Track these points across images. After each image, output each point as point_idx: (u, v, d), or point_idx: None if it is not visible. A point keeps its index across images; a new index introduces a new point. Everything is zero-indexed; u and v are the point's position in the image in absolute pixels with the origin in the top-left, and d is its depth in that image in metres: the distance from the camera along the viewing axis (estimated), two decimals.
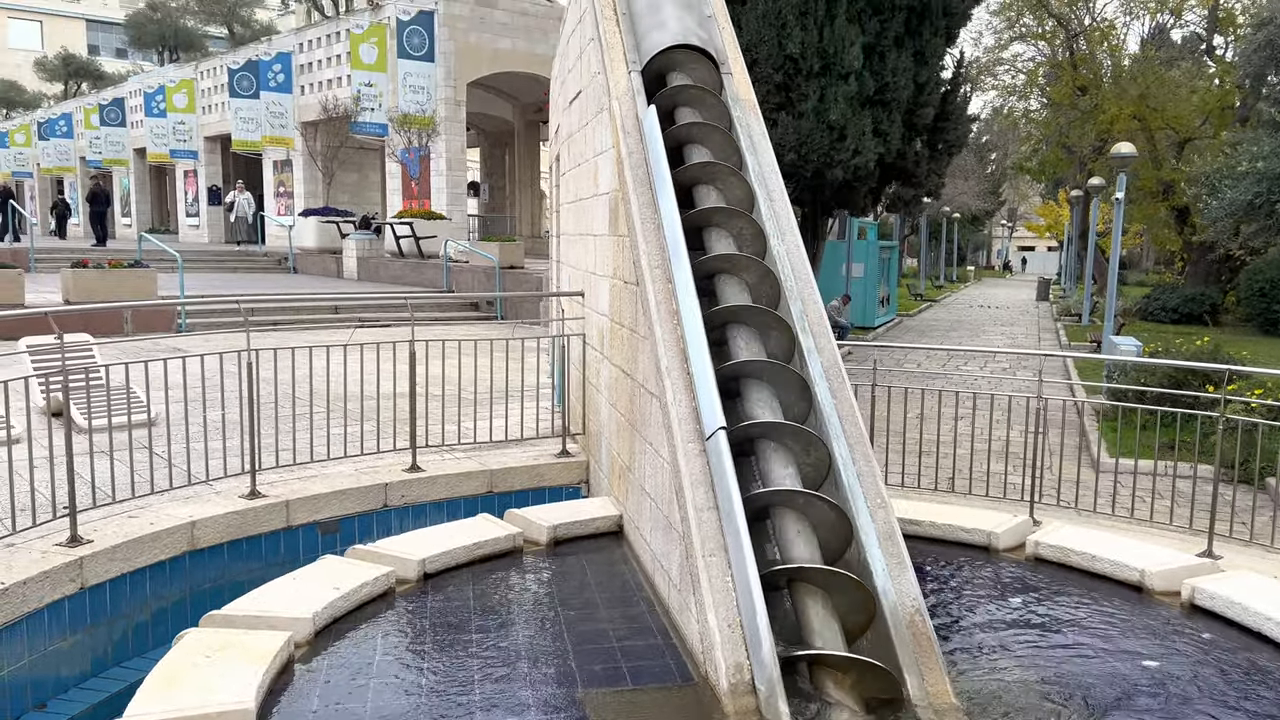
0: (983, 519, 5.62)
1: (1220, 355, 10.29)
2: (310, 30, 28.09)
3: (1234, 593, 4.45)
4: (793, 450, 4.35)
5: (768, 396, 4.53)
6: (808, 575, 3.88)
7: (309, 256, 23.03)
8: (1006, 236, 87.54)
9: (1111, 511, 6.73)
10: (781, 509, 4.13)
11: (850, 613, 3.89)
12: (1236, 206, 14.13)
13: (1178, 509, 6.64)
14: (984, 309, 33.11)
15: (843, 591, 3.88)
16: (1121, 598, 4.76)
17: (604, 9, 6.43)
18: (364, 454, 6.81)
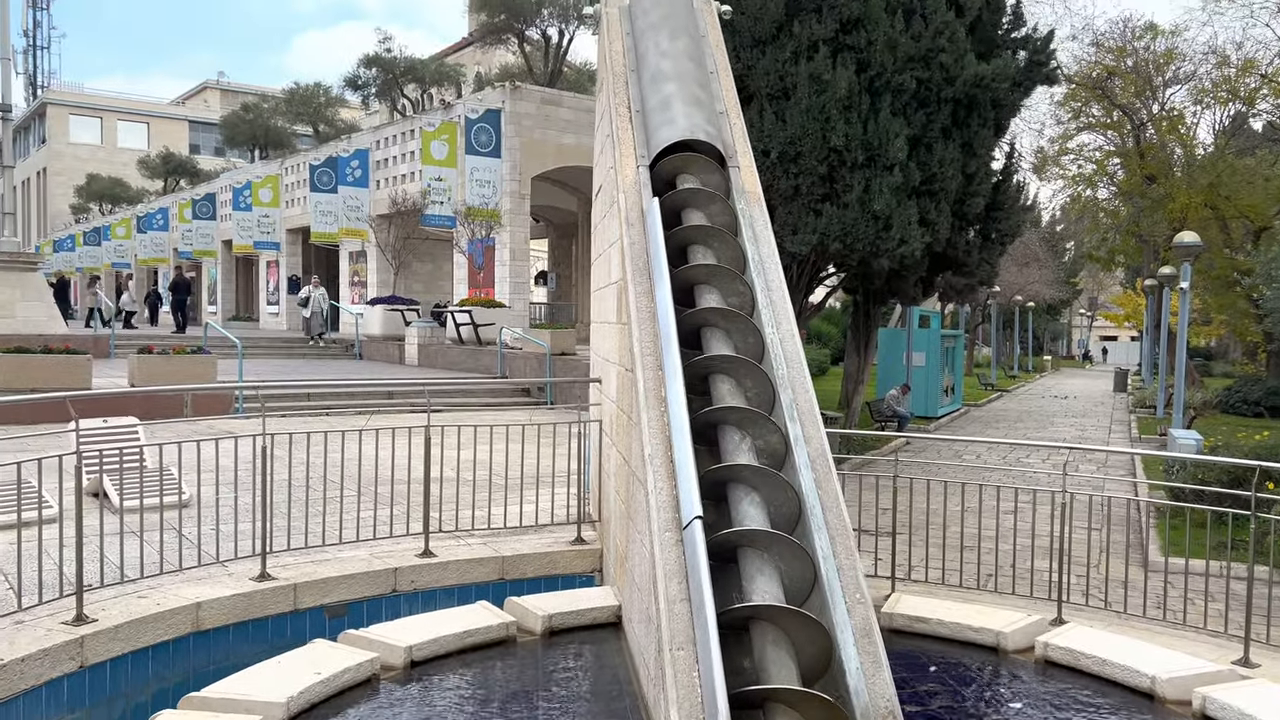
0: (993, 618, 5.39)
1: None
2: (387, 129, 29.43)
3: (1248, 704, 4.17)
4: (775, 561, 4.25)
5: (756, 503, 4.45)
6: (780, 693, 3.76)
7: (374, 343, 23.69)
8: (1086, 326, 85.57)
9: (1143, 613, 6.39)
10: (760, 623, 4.03)
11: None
12: None
13: (1222, 613, 6.29)
14: (1057, 400, 32.22)
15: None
16: (1129, 706, 4.49)
17: (619, 107, 6.64)
18: (378, 538, 6.88)
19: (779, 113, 13.55)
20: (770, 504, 4.46)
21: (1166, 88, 28.55)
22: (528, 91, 25.03)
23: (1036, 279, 45.71)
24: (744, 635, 4.13)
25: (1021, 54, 15.24)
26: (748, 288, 5.40)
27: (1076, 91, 28.45)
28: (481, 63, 41.68)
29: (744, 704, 3.76)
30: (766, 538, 4.24)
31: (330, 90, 41.80)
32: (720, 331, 5.17)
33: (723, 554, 4.36)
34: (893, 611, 5.66)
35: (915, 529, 8.38)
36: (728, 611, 4.01)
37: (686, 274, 5.43)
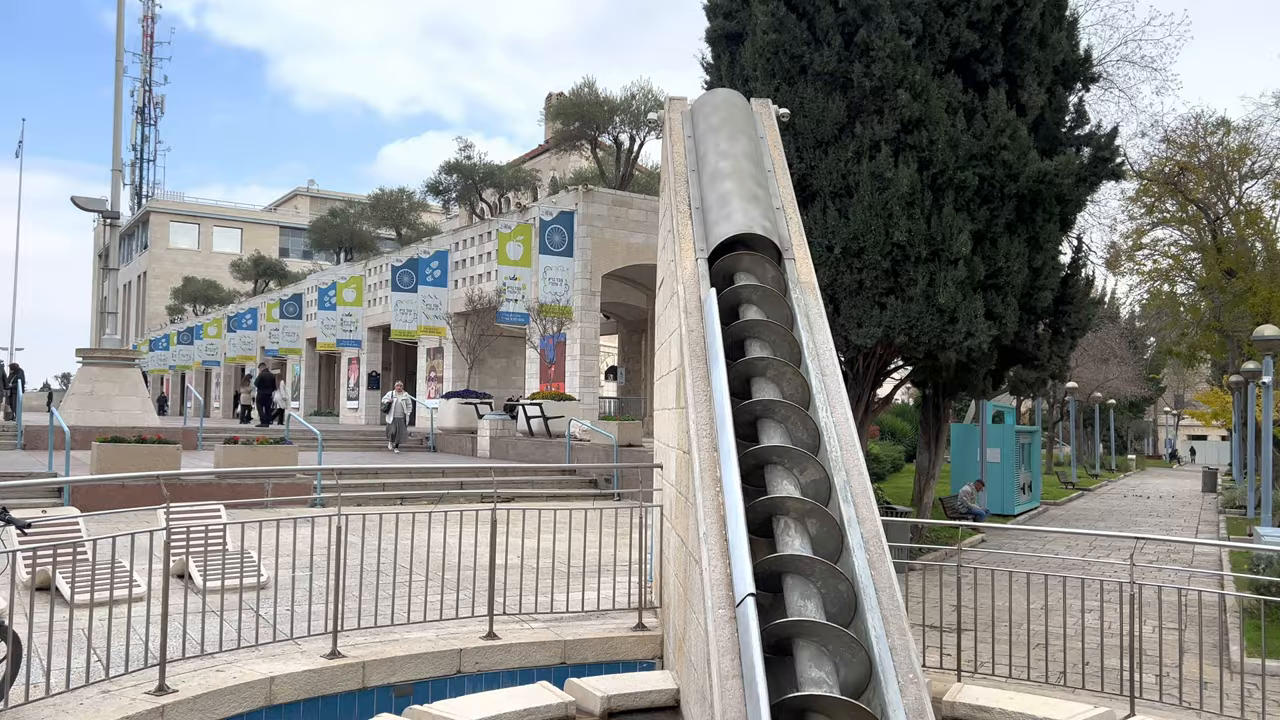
0: (1058, 709, 5.30)
1: None
2: (465, 231, 30.64)
3: None
4: (829, 652, 4.29)
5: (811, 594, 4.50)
6: None
7: (448, 435, 24.23)
8: (1173, 425, 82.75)
9: (1220, 710, 6.17)
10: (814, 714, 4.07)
11: None
12: None
13: None
14: (1141, 499, 31.12)
15: None
16: None
17: (679, 204, 6.98)
18: (444, 619, 7.05)
19: (842, 210, 13.84)
20: (825, 593, 4.51)
21: (1242, 182, 28.25)
22: (599, 194, 25.91)
23: (1116, 375, 44.69)
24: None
25: (1086, 150, 15.37)
26: (802, 379, 5.56)
27: (1149, 187, 28.31)
28: (556, 167, 43.30)
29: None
30: (821, 629, 4.29)
31: (413, 195, 43.74)
32: (775, 422, 5.31)
33: (778, 645, 4.41)
34: (955, 700, 5.59)
35: (983, 625, 8.24)
36: (784, 701, 4.05)
37: (743, 367, 5.61)
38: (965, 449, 23.45)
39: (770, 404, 5.33)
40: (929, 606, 9.00)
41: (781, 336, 5.82)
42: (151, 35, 78.00)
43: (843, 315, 13.97)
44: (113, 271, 23.26)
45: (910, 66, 13.35)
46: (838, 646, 4.25)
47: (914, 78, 13.35)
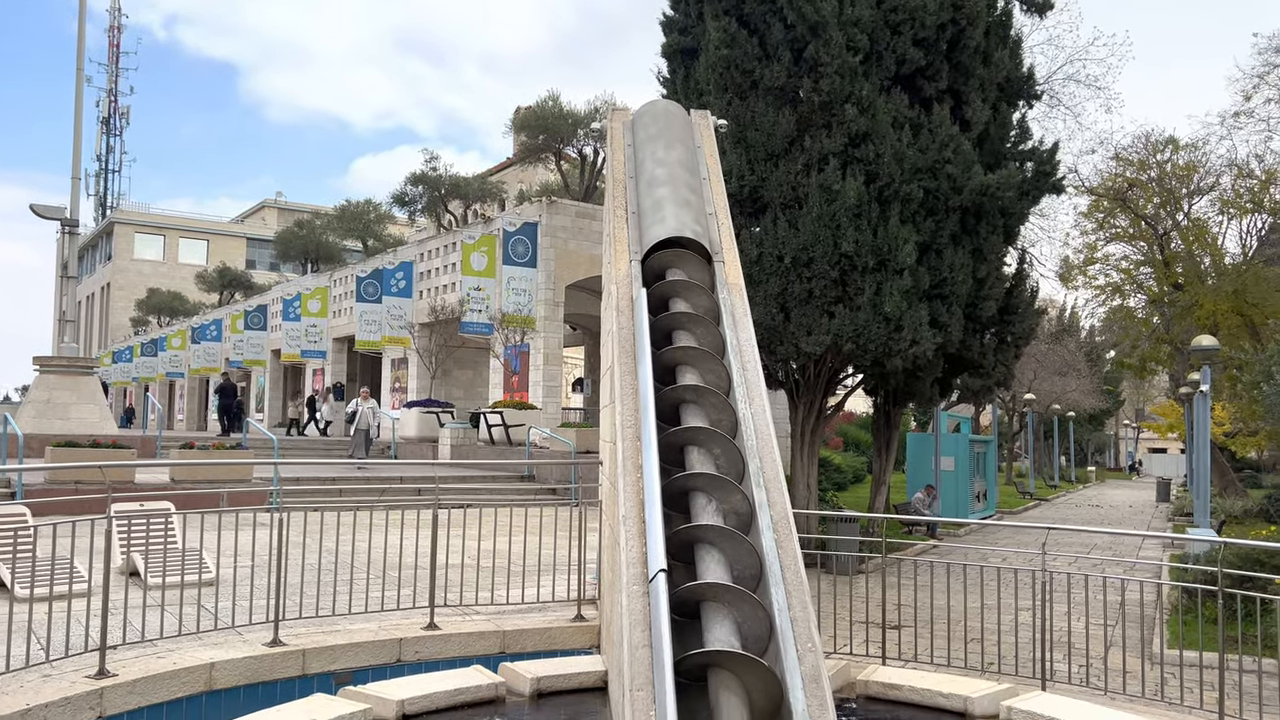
0: (962, 686, 5.59)
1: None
2: (430, 242, 30.79)
3: None
4: (733, 613, 4.57)
5: (720, 560, 4.80)
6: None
7: (410, 444, 24.32)
8: (1133, 437, 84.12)
9: (1123, 689, 6.50)
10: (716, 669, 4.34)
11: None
12: None
13: (1208, 693, 6.38)
14: (1095, 508, 31.76)
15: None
16: None
17: (617, 209, 7.26)
18: (385, 610, 7.24)
19: (792, 221, 14.19)
20: (734, 562, 4.80)
21: (1190, 198, 29.04)
22: (563, 205, 26.20)
23: (1075, 388, 45.49)
24: (704, 685, 4.41)
25: (1029, 165, 15.85)
26: (724, 368, 5.85)
27: (1100, 203, 29.04)
28: (523, 180, 43.58)
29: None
30: (726, 591, 4.56)
31: (380, 207, 43.81)
32: (696, 406, 5.60)
33: (690, 610, 4.68)
34: (869, 679, 5.87)
35: (922, 622, 8.54)
36: (687, 657, 4.32)
37: (668, 355, 5.90)
38: (921, 457, 23.88)
39: (690, 389, 5.61)
40: (873, 605, 9.30)
41: (707, 329, 6.10)
42: (118, 45, 77.57)
43: (793, 323, 14.30)
44: (73, 281, 23.18)
45: (857, 82, 13.75)
46: (740, 606, 4.52)
47: (861, 93, 13.76)
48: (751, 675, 4.30)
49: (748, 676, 4.30)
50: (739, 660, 4.27)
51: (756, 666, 4.27)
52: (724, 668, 4.31)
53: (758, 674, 4.29)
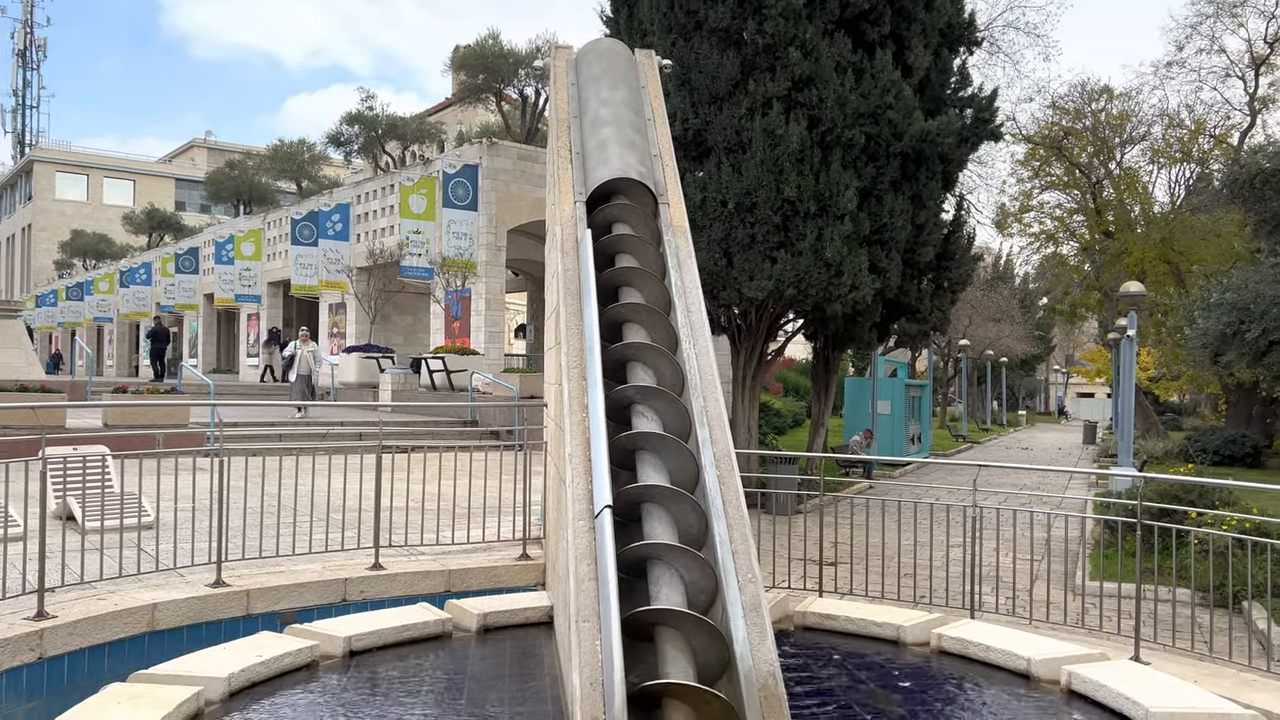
0: (895, 616, 5.81)
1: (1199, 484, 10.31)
2: (367, 184, 30.16)
3: (1105, 677, 4.59)
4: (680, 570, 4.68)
5: (659, 466, 4.92)
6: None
7: (350, 390, 24.07)
8: (1062, 382, 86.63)
9: (1046, 617, 6.81)
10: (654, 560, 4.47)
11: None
12: (1210, 336, 14.29)
13: (1125, 620, 6.71)
14: (1025, 450, 32.78)
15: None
16: (1006, 683, 4.90)
17: (560, 150, 7.20)
18: (330, 551, 7.25)
19: (735, 165, 14.20)
20: (672, 470, 4.91)
21: (1122, 148, 29.65)
22: (504, 147, 25.82)
23: (1009, 334, 46.58)
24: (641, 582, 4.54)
25: (968, 112, 16.03)
26: (664, 289, 5.92)
27: (1036, 151, 29.50)
28: (463, 121, 42.75)
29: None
30: (666, 494, 4.69)
31: (314, 148, 42.69)
32: (637, 326, 5.67)
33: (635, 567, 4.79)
34: (806, 610, 6.07)
35: (859, 558, 8.80)
36: (627, 550, 4.45)
37: (612, 276, 5.94)
38: (858, 401, 24.36)
39: (633, 308, 5.67)
40: (811, 543, 9.55)
41: (652, 276, 6.14)
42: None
43: (736, 269, 14.40)
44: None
45: (801, 25, 13.72)
46: (681, 560, 4.64)
47: (804, 36, 13.73)
48: (688, 564, 4.44)
49: (680, 563, 4.44)
50: (677, 553, 4.41)
51: (693, 558, 4.41)
52: (662, 560, 4.45)
53: (697, 565, 4.43)
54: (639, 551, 4.68)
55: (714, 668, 4.41)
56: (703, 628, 4.38)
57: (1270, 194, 15.41)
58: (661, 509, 4.91)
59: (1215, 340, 14.22)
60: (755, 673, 4.13)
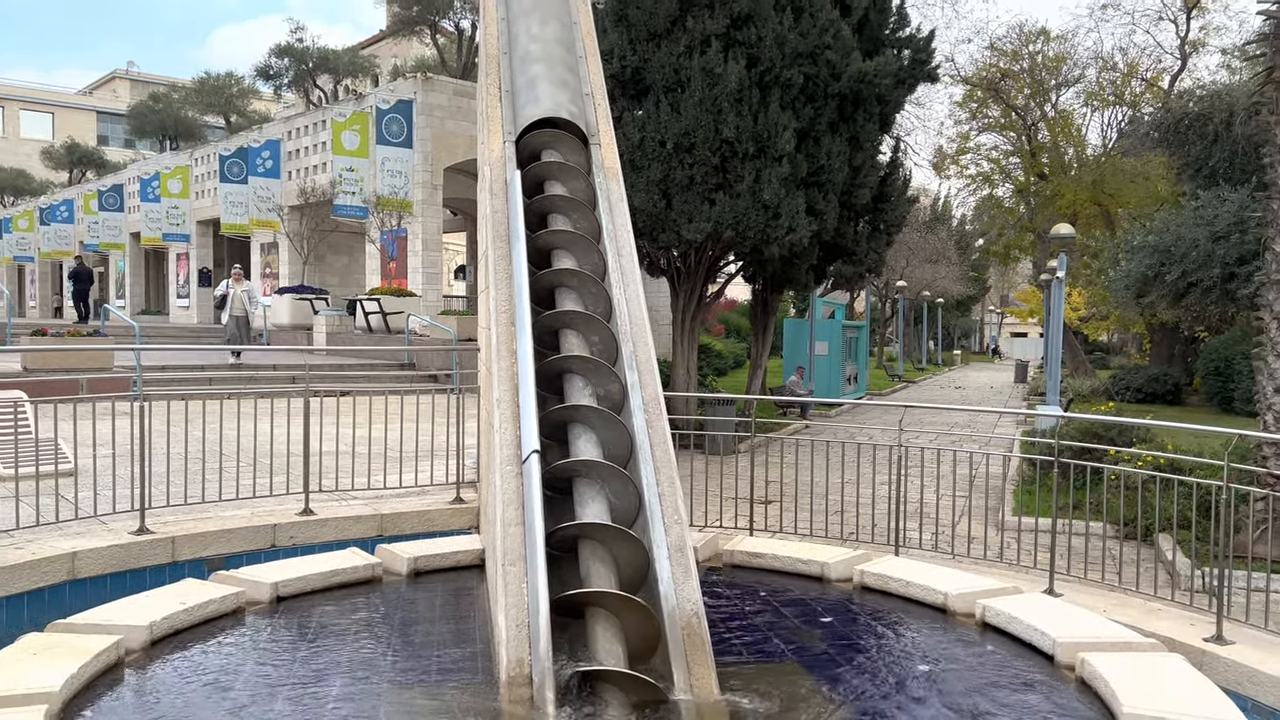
0: (821, 553, 5.94)
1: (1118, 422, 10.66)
2: (298, 119, 29.26)
3: (1016, 610, 4.77)
4: (607, 488, 4.73)
5: (593, 440, 4.94)
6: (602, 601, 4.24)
7: (283, 333, 23.63)
8: (997, 322, 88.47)
9: (967, 552, 7.04)
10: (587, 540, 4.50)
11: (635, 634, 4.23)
12: (1134, 278, 14.71)
13: (1042, 554, 6.95)
14: (958, 389, 33.53)
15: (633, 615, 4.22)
16: (924, 617, 5.07)
17: (490, 87, 7.03)
18: (258, 496, 7.16)
19: (674, 105, 14.05)
20: (605, 442, 4.93)
21: (1058, 90, 29.97)
22: (439, 83, 25.20)
23: (945, 275, 47.29)
24: (575, 556, 4.58)
25: (906, 53, 16.01)
26: (600, 254, 5.86)
27: (974, 93, 29.68)
28: (397, 55, 41.54)
29: (567, 611, 4.23)
30: (597, 466, 4.70)
31: (243, 81, 41.20)
32: (571, 290, 5.62)
33: (563, 486, 4.82)
34: (735, 549, 6.18)
35: (792, 496, 8.94)
36: (558, 530, 4.47)
37: (543, 240, 5.86)
38: (796, 342, 24.62)
39: (566, 273, 5.62)
40: (746, 483, 9.69)
41: (583, 214, 6.08)
42: None
43: (675, 210, 14.31)
44: None
45: None
46: (611, 481, 4.69)
47: None
48: (620, 544, 4.48)
49: (616, 545, 4.48)
50: (608, 531, 4.45)
51: (624, 536, 4.45)
52: (594, 538, 4.49)
53: (626, 543, 4.47)
54: (565, 470, 4.72)
55: (636, 578, 4.48)
56: (626, 540, 4.44)
57: (1194, 139, 15.76)
58: (588, 430, 4.94)
59: (1138, 282, 14.61)
60: (679, 612, 4.21)
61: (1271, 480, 7.87)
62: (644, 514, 4.63)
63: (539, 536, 4.29)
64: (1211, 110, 15.60)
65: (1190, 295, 14.37)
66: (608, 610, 4.20)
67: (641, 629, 4.19)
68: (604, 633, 4.15)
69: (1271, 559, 6.78)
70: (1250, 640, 5.37)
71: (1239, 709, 4.52)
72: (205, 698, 3.96)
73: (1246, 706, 4.92)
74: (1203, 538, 7.36)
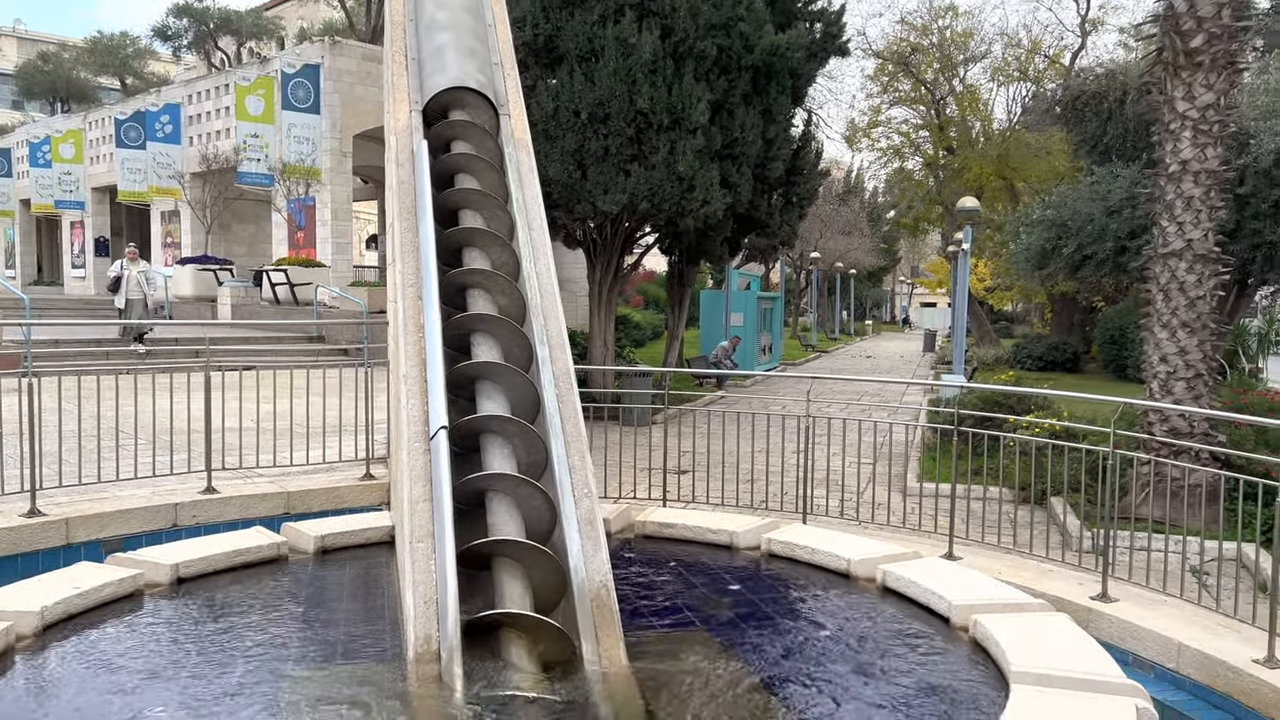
0: (730, 522, 6.05)
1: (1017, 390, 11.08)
2: (199, 82, 28.15)
3: (914, 574, 4.94)
4: (515, 446, 4.73)
5: (500, 400, 4.92)
6: (508, 553, 4.26)
7: (186, 305, 22.86)
8: (907, 293, 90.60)
9: (871, 518, 7.25)
10: (493, 493, 4.51)
11: (544, 588, 4.26)
12: (1033, 251, 15.28)
13: (944, 519, 7.20)
14: (869, 359, 34.30)
15: (540, 568, 4.25)
16: (828, 583, 5.21)
17: (396, 54, 6.87)
18: (158, 476, 6.95)
19: (588, 74, 13.93)
20: (512, 398, 4.92)
21: (965, 65, 30.63)
22: (348, 47, 24.51)
23: (858, 247, 48.17)
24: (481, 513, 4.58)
25: (818, 26, 16.16)
26: (509, 215, 5.81)
27: (884, 66, 30.14)
28: (303, 17, 40.20)
29: (475, 564, 4.25)
30: (504, 421, 4.71)
31: (139, 41, 39.39)
32: (478, 250, 5.58)
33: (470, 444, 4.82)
34: (647, 520, 6.25)
35: (712, 465, 9.06)
36: (464, 483, 4.47)
37: (451, 197, 5.80)
38: (713, 313, 24.85)
39: (474, 232, 5.57)
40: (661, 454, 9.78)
41: (492, 174, 6.01)
42: None
43: (590, 181, 14.24)
44: None
45: None
46: (520, 439, 4.70)
47: None
48: (526, 497, 4.51)
49: (519, 492, 4.51)
50: (514, 482, 4.48)
51: (531, 488, 4.49)
52: (498, 490, 4.51)
53: (532, 496, 4.51)
54: (472, 426, 4.71)
55: (544, 530, 4.52)
56: (529, 490, 4.47)
57: (1090, 116, 16.32)
58: (495, 386, 4.93)
59: (1037, 255, 15.14)
60: (588, 584, 4.25)
61: (1156, 445, 8.29)
62: (550, 470, 4.66)
63: (447, 513, 4.27)
64: (1107, 88, 16.18)
65: (1085, 268, 14.94)
66: (515, 560, 4.25)
67: (549, 579, 4.25)
68: (510, 580, 4.19)
69: (1154, 520, 7.15)
70: (1133, 597, 5.67)
71: (1120, 663, 4.78)
72: (99, 684, 3.86)
73: (1128, 660, 5.21)
74: (1093, 501, 7.71)
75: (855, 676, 4.06)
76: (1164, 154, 8.35)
